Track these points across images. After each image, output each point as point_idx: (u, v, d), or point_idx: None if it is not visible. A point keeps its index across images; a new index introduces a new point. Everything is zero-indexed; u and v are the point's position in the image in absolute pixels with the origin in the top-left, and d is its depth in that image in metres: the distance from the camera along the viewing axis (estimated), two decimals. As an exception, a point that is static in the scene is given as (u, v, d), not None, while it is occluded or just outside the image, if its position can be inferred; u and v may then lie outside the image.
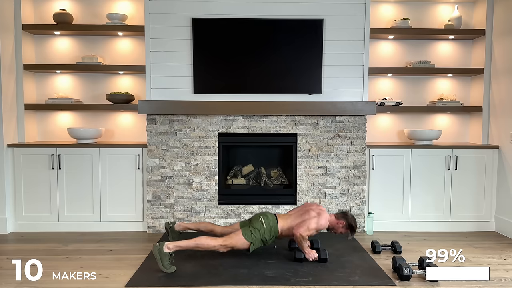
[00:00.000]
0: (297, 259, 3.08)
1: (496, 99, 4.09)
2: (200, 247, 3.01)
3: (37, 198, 3.94)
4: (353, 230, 3.23)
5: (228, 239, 3.05)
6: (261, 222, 3.13)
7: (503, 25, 3.99)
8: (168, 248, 2.90)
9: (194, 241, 3.00)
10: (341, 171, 3.97)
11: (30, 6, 4.17)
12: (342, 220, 3.22)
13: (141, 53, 4.21)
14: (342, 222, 3.21)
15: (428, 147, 4.04)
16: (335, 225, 3.23)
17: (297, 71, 3.91)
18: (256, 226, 3.11)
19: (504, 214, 3.97)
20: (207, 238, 3.04)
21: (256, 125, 3.93)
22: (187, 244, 2.98)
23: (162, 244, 2.90)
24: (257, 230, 3.10)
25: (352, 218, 3.24)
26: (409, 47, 4.38)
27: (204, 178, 3.94)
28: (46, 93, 4.30)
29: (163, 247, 2.88)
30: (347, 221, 3.21)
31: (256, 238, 3.08)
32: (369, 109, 3.88)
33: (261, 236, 3.09)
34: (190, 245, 2.99)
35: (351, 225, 3.21)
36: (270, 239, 3.14)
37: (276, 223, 3.15)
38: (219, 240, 3.04)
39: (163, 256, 2.88)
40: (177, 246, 2.94)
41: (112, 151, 3.94)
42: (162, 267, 2.87)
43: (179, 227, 3.45)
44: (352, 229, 3.22)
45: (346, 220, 3.22)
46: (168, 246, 2.90)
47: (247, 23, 3.88)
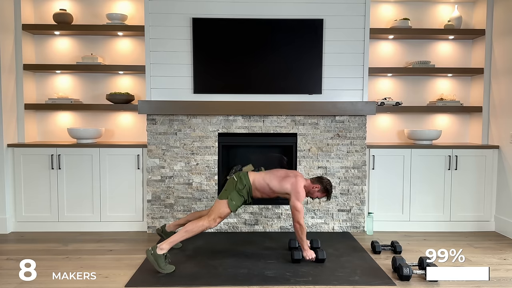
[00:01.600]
0: (295, 260, 3.08)
1: (496, 99, 4.09)
2: (192, 233, 3.00)
3: (37, 198, 3.94)
4: (329, 193, 3.22)
5: (211, 212, 3.07)
6: (231, 179, 3.17)
7: (503, 25, 3.99)
8: (161, 249, 2.90)
9: (183, 230, 3.01)
10: (341, 171, 3.97)
11: (30, 6, 4.18)
12: (317, 184, 3.20)
13: (141, 53, 4.21)
14: (318, 186, 3.19)
15: (428, 147, 4.04)
16: (311, 189, 3.21)
17: (297, 71, 3.91)
18: (227, 188, 3.14)
19: (504, 214, 3.97)
20: (193, 222, 3.04)
21: (256, 125, 3.93)
22: (179, 237, 2.99)
23: (154, 247, 2.91)
24: (230, 187, 3.12)
25: (328, 181, 3.22)
26: (409, 47, 4.38)
27: (204, 178, 3.94)
28: (46, 93, 4.30)
29: (156, 250, 2.89)
30: (322, 185, 3.20)
31: (232, 194, 3.08)
32: (369, 109, 3.88)
33: (235, 188, 3.10)
34: (181, 236, 2.99)
35: (326, 188, 3.20)
36: (244, 188, 3.11)
37: (246, 175, 3.17)
38: (205, 218, 3.05)
39: (158, 258, 2.88)
40: (170, 243, 2.94)
41: (112, 151, 3.94)
42: (160, 269, 2.87)
43: (170, 228, 3.48)
44: (328, 192, 3.21)
45: (321, 183, 3.20)
46: (161, 247, 2.91)
47: (247, 23, 3.88)
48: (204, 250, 3.41)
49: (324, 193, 3.23)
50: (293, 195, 3.11)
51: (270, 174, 3.24)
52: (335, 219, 3.99)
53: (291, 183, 3.13)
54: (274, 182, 3.17)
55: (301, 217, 3.07)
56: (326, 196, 3.25)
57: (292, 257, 3.09)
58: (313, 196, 3.24)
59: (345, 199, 3.98)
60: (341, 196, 3.98)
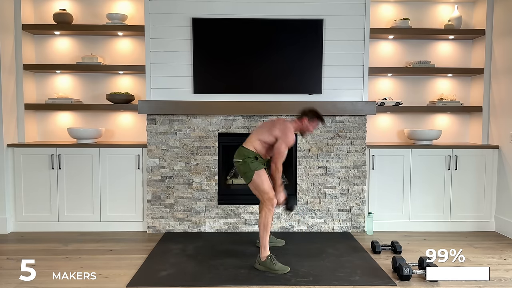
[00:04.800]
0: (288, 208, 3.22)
1: (496, 99, 4.09)
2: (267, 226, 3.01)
3: (37, 198, 3.94)
4: (319, 116, 3.13)
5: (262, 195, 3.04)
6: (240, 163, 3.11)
7: (503, 25, 3.99)
8: (263, 257, 2.97)
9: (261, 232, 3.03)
10: (341, 171, 3.97)
11: (30, 6, 4.17)
12: (303, 118, 3.13)
13: (141, 53, 4.21)
14: (305, 119, 3.13)
15: (428, 147, 4.04)
16: (302, 126, 3.16)
17: (297, 71, 3.91)
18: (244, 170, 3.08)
19: (504, 214, 3.97)
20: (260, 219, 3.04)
21: (256, 125, 3.93)
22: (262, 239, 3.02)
23: (258, 258, 3.00)
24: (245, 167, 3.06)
25: (310, 108, 3.16)
26: (409, 47, 4.38)
27: (204, 178, 3.94)
28: (46, 93, 4.30)
29: (260, 259, 2.97)
30: (308, 115, 3.13)
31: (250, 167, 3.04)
32: (369, 109, 3.88)
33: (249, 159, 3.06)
34: (264, 237, 3.01)
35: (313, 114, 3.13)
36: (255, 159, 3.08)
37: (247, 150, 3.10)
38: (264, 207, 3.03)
39: (267, 264, 2.94)
40: (264, 247, 3.00)
41: (112, 151, 3.94)
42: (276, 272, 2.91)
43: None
44: (317, 116, 3.13)
45: (306, 114, 3.13)
46: (261, 256, 2.98)
47: (247, 23, 3.88)
48: (205, 250, 3.41)
49: (314, 120, 3.14)
50: (281, 139, 3.03)
51: (260, 130, 3.17)
52: (335, 219, 3.99)
53: (279, 128, 3.07)
54: (265, 135, 3.10)
55: (280, 161, 3.05)
56: (319, 121, 3.16)
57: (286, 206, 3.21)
58: (309, 129, 3.16)
59: (345, 199, 3.98)
60: (341, 196, 3.98)
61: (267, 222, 3.01)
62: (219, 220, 3.95)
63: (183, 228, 3.95)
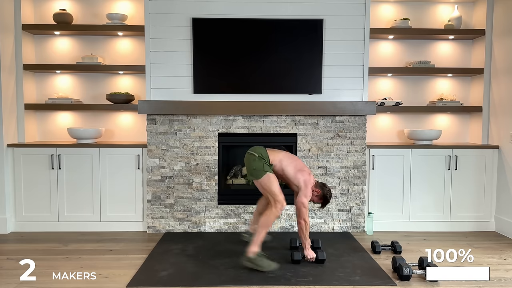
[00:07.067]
0: (295, 261, 3.08)
1: (496, 99, 4.10)
2: (268, 225, 2.99)
3: (37, 198, 3.94)
4: (326, 201, 3.23)
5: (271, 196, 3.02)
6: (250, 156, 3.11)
7: (503, 25, 3.99)
8: (252, 253, 2.94)
9: (260, 228, 3.00)
10: (341, 171, 3.97)
11: (30, 6, 4.17)
12: (318, 189, 3.20)
13: (141, 53, 4.21)
14: (318, 191, 3.19)
15: (428, 147, 4.04)
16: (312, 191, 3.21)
17: (297, 71, 3.91)
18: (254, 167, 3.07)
19: (504, 214, 3.97)
20: (264, 216, 3.02)
21: (256, 125, 3.93)
22: (258, 235, 2.98)
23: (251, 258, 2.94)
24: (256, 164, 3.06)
25: (329, 191, 3.22)
26: (409, 47, 4.38)
27: (204, 178, 3.94)
28: (46, 93, 4.30)
29: (249, 255, 2.93)
30: (323, 192, 3.20)
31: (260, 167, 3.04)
32: (369, 109, 3.88)
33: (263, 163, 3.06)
34: (260, 233, 2.99)
35: (325, 196, 3.20)
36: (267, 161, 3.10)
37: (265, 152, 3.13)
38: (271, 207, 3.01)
39: (255, 261, 2.92)
40: (256, 243, 2.96)
41: (112, 151, 3.94)
42: (264, 269, 2.90)
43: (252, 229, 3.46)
44: (325, 200, 3.22)
45: (322, 190, 3.20)
46: (251, 251, 2.94)
47: (247, 23, 3.88)
48: (204, 250, 3.41)
49: (321, 199, 3.23)
50: (303, 192, 3.11)
51: (288, 159, 3.21)
52: (335, 219, 3.99)
53: (305, 179, 3.13)
54: (290, 169, 3.15)
55: (307, 214, 3.10)
56: (322, 203, 3.25)
57: (292, 258, 3.09)
58: (310, 198, 3.23)
59: (345, 199, 3.98)
60: (341, 196, 3.98)
61: (269, 221, 3.00)
62: (219, 220, 3.95)
63: (183, 228, 3.95)
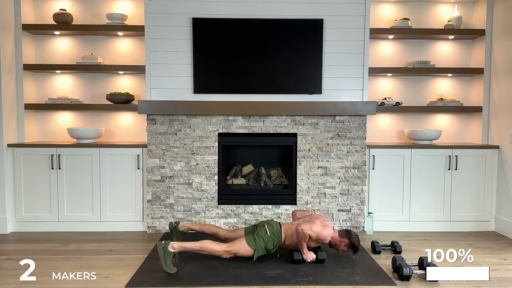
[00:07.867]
0: (294, 261, 3.07)
1: (496, 99, 4.09)
2: (204, 251, 3.01)
3: (37, 198, 3.94)
4: (356, 249, 3.15)
5: (232, 245, 3.04)
6: (265, 230, 3.12)
7: (503, 25, 3.99)
8: (173, 248, 2.90)
9: (199, 244, 3.00)
10: (341, 171, 3.97)
11: (30, 6, 4.17)
12: (345, 239, 3.15)
13: (141, 53, 4.21)
14: (345, 241, 3.14)
15: (428, 147, 4.04)
16: (338, 242, 3.17)
17: (297, 71, 3.91)
18: (260, 234, 3.10)
19: (504, 214, 3.97)
20: (212, 243, 3.03)
21: (256, 125, 3.93)
22: (192, 246, 2.98)
23: (167, 243, 2.90)
24: (261, 238, 3.09)
25: (356, 237, 3.16)
26: (409, 47, 4.38)
27: (204, 178, 3.94)
28: (46, 93, 4.30)
29: (168, 246, 2.88)
30: (350, 240, 3.14)
31: (260, 246, 3.06)
32: (369, 109, 3.88)
33: (265, 244, 3.08)
34: (194, 248, 2.99)
35: (354, 244, 3.13)
36: (273, 247, 3.12)
37: (280, 231, 3.14)
38: (223, 246, 3.03)
39: (167, 255, 2.88)
40: (181, 247, 2.94)
41: (112, 151, 3.94)
42: (165, 266, 2.87)
43: (183, 227, 3.44)
44: (354, 248, 3.14)
45: (349, 238, 3.14)
46: (173, 246, 2.90)
47: (247, 23, 3.88)
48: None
49: (350, 248, 3.16)
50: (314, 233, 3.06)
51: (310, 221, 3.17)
52: (335, 219, 3.98)
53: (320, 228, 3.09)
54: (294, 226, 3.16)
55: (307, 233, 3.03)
56: (353, 251, 3.18)
57: (292, 258, 3.09)
58: (339, 249, 3.19)
59: (345, 199, 3.98)
60: (341, 196, 3.98)
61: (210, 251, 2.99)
62: (219, 220, 3.95)
63: (183, 228, 3.95)
